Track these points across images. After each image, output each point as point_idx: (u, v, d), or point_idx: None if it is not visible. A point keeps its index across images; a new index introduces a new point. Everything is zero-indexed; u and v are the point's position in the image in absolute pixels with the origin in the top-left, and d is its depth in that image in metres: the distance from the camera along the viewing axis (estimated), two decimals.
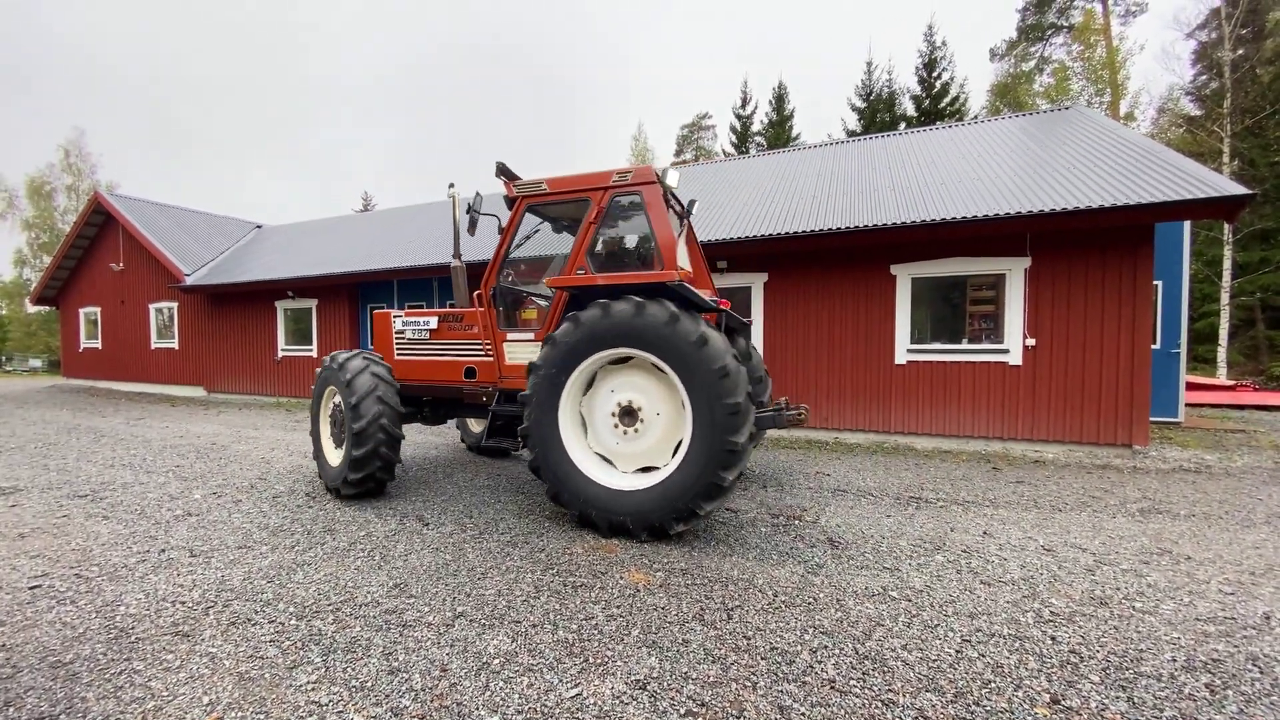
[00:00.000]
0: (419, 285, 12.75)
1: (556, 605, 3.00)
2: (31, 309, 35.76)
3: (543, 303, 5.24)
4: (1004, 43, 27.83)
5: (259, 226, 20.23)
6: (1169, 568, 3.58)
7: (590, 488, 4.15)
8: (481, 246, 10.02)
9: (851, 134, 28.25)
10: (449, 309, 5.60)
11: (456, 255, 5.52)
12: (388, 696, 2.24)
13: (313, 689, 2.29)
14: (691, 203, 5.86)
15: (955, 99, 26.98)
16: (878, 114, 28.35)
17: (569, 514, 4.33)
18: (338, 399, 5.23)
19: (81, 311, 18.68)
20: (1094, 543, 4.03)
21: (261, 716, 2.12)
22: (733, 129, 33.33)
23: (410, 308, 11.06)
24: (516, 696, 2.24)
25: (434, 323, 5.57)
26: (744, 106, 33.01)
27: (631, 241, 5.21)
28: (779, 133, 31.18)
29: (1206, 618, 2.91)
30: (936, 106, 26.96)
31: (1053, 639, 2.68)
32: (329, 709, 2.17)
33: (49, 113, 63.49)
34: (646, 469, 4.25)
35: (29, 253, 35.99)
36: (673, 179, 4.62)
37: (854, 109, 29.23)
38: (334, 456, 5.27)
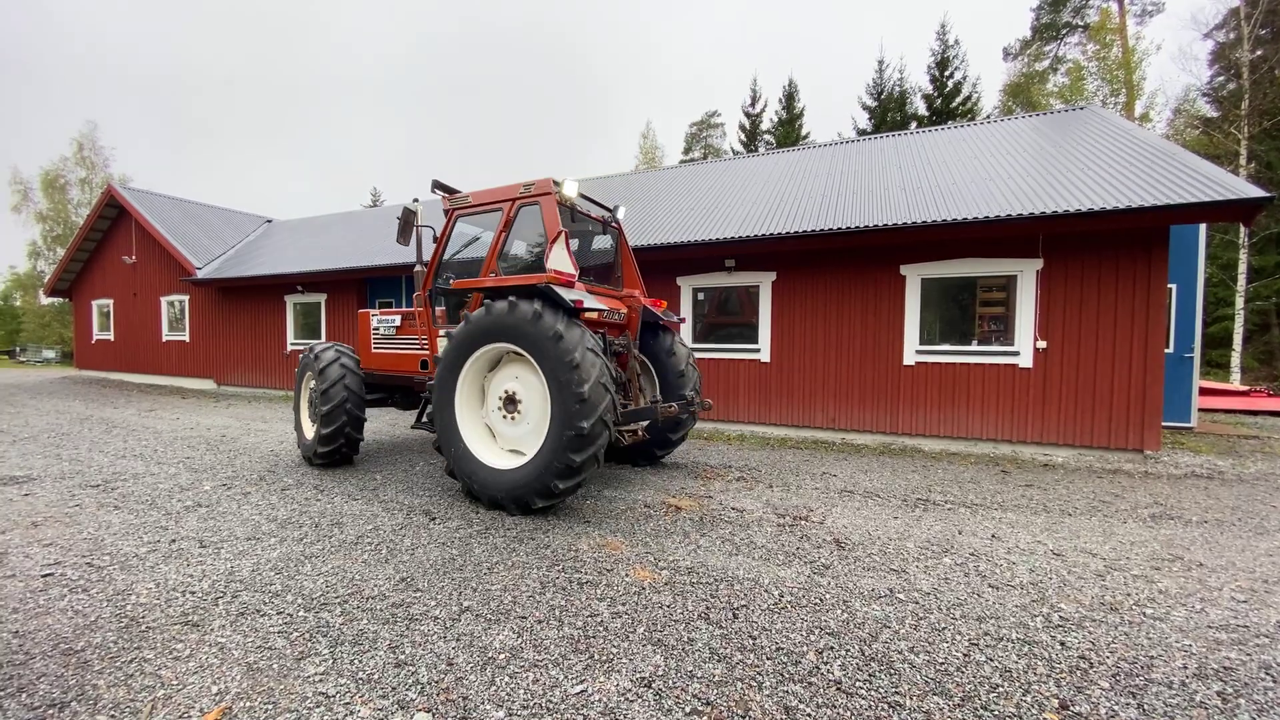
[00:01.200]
0: None
1: (562, 601, 3.01)
2: (45, 301, 36.29)
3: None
4: (1018, 42, 27.59)
5: (269, 221, 20.37)
6: (1180, 574, 3.54)
7: (477, 466, 4.71)
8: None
9: (862, 133, 28.08)
10: (410, 309, 6.20)
11: (419, 261, 6.00)
12: (394, 689, 2.25)
13: (320, 680, 2.31)
14: (615, 208, 6.35)
15: (968, 98, 26.74)
16: (889, 113, 28.15)
17: (460, 488, 4.99)
18: (312, 384, 6.19)
19: (94, 304, 18.89)
20: (1104, 548, 3.99)
21: (270, 707, 2.14)
22: (742, 127, 33.19)
23: (382, 307, 11.11)
24: (522, 692, 2.25)
25: (398, 321, 6.35)
26: (753, 105, 32.87)
27: (539, 247, 5.78)
28: (788, 131, 31.02)
29: (1219, 625, 2.88)
30: (948, 106, 26.73)
31: (1062, 644, 2.65)
32: (336, 700, 2.18)
33: (63, 106, 64.18)
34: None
35: (43, 245, 36.43)
36: (570, 190, 5.25)
37: (865, 108, 29.03)
38: (309, 431, 6.21)
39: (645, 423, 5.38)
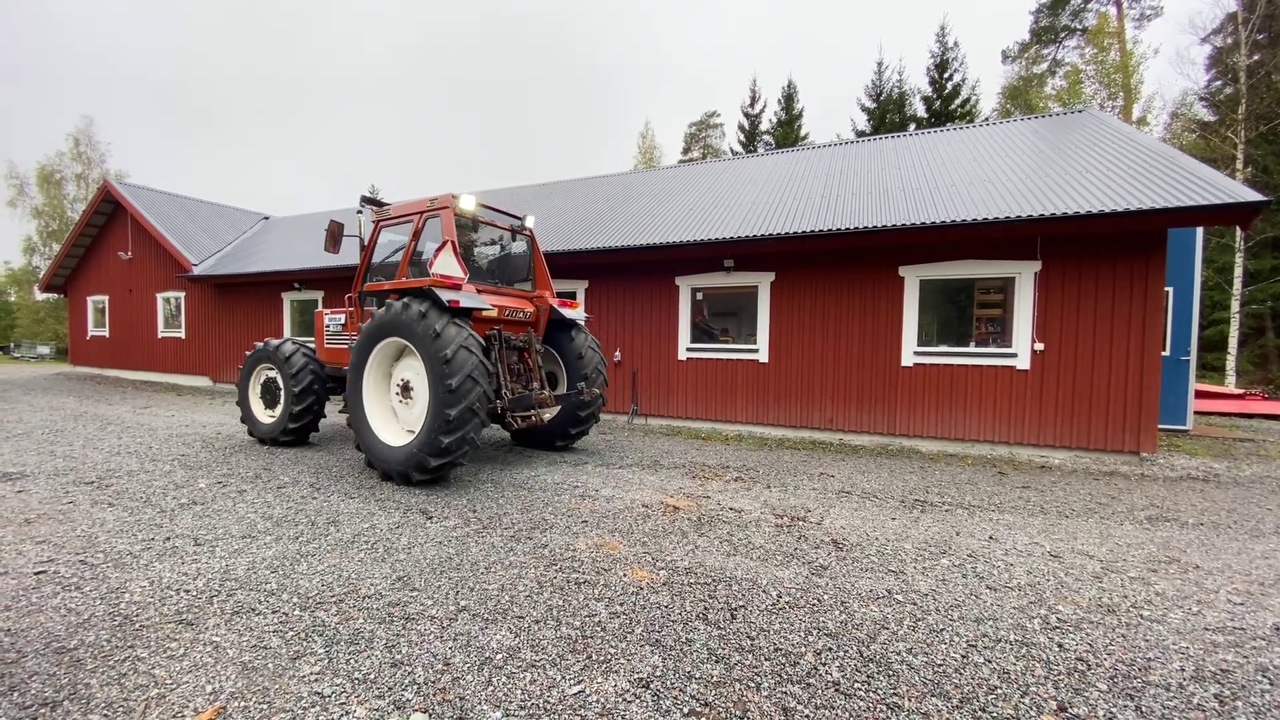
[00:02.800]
0: None
1: (560, 601, 2.99)
2: (40, 296, 36.07)
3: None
4: (1016, 45, 27.67)
5: (266, 218, 20.29)
6: (1177, 576, 3.55)
7: (375, 442, 5.48)
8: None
9: (861, 134, 28.11)
10: (351, 308, 6.98)
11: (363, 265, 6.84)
12: (390, 689, 2.24)
13: (316, 680, 2.29)
14: (524, 218, 7.04)
15: (966, 101, 26.79)
16: (888, 114, 28.19)
17: (370, 466, 5.65)
18: (268, 374, 7.15)
19: (89, 299, 18.78)
20: (1101, 550, 3.99)
21: (265, 707, 2.12)
22: (741, 128, 33.19)
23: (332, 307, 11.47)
24: (519, 692, 2.23)
25: (343, 319, 7.16)
26: (753, 105, 32.87)
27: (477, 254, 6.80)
28: (787, 132, 31.04)
29: (1215, 627, 2.88)
30: (947, 108, 26.78)
31: (1060, 646, 2.65)
32: (332, 700, 2.16)
33: (59, 102, 63.82)
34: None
35: (38, 240, 36.23)
36: (467, 204, 6.06)
37: (864, 109, 29.07)
38: (264, 416, 7.17)
39: (544, 410, 6.41)
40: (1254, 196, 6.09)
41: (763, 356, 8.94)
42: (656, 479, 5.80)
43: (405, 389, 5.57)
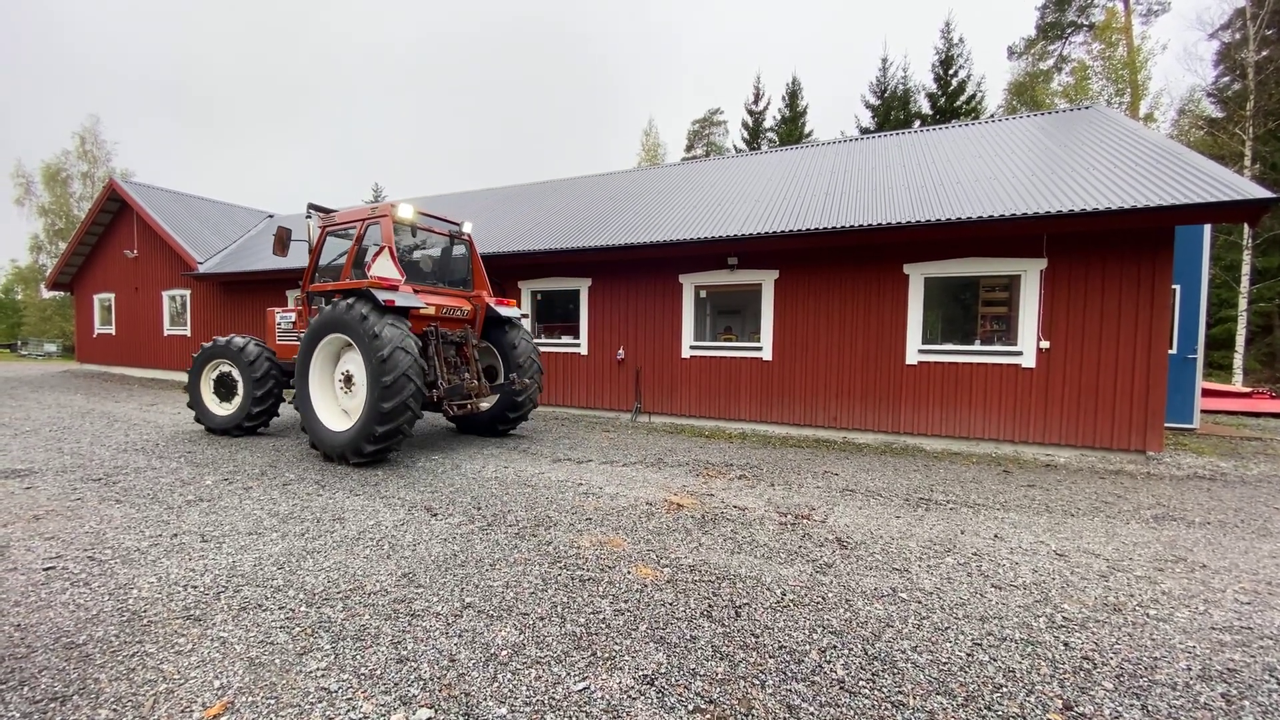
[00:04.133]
0: None
1: (564, 598, 3.00)
2: (47, 294, 36.24)
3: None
4: (1022, 41, 27.49)
5: (271, 216, 20.35)
6: (1184, 575, 3.54)
7: (319, 427, 6.10)
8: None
9: (865, 131, 27.98)
10: (300, 308, 7.58)
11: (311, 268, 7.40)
12: (396, 685, 2.25)
13: (322, 675, 2.30)
14: (462, 224, 7.71)
15: (972, 97, 26.63)
16: (892, 111, 28.05)
17: (314, 448, 6.22)
18: (222, 369, 7.59)
19: (96, 297, 18.87)
20: (1107, 548, 3.98)
21: (272, 702, 2.14)
22: (744, 125, 33.09)
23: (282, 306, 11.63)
24: (524, 688, 2.24)
25: (294, 317, 7.79)
26: (756, 102, 32.76)
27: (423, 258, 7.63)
28: (791, 129, 30.93)
29: (1222, 627, 2.87)
30: (952, 105, 26.63)
31: (1065, 645, 2.65)
32: (339, 696, 2.18)
33: (64, 99, 64.10)
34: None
35: (45, 238, 36.39)
36: (404, 213, 6.65)
37: (868, 106, 28.93)
38: (218, 409, 7.58)
39: (480, 400, 7.15)
40: (1262, 193, 6.04)
41: (766, 355, 8.92)
42: (660, 477, 5.80)
43: (348, 380, 6.15)
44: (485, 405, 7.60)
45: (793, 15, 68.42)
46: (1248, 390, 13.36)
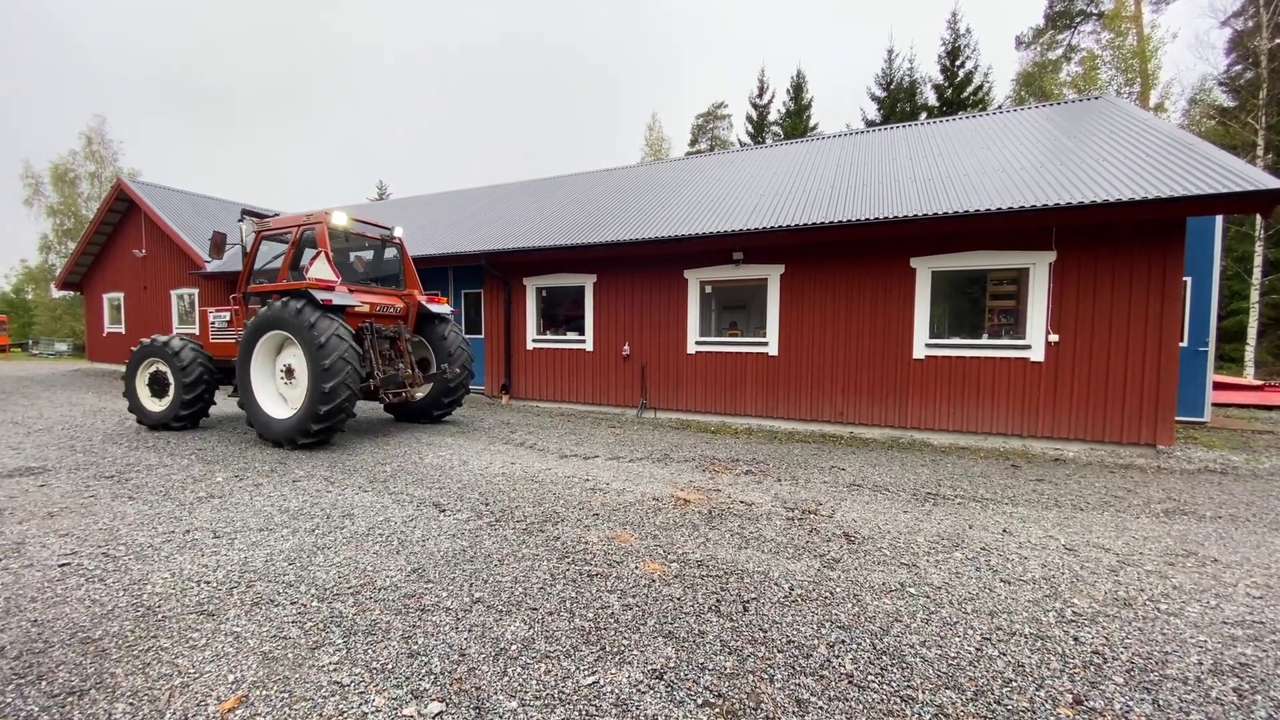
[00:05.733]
0: (435, 274, 12.80)
1: (572, 593, 3.02)
2: (56, 294, 36.57)
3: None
4: (1030, 30, 27.10)
5: (277, 214, 20.41)
6: (1195, 570, 3.51)
7: (262, 415, 6.72)
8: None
9: (871, 124, 27.78)
10: (236, 307, 7.97)
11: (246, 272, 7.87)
12: (408, 679, 2.27)
13: (334, 669, 2.33)
14: (393, 228, 8.25)
15: (979, 88, 26.39)
16: (898, 103, 27.82)
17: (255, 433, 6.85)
18: (155, 367, 7.83)
19: (105, 297, 19.04)
20: (1117, 543, 3.96)
21: (285, 695, 2.16)
22: (749, 119, 32.91)
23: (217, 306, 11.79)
24: (534, 682, 2.26)
25: (228, 316, 8.18)
26: (761, 96, 32.57)
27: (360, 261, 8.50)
28: (796, 123, 30.73)
29: (1234, 621, 2.85)
30: (959, 96, 26.39)
31: (1075, 639, 2.64)
32: (351, 689, 2.20)
33: (73, 98, 64.48)
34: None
35: (54, 238, 36.63)
36: (337, 220, 7.17)
37: (874, 98, 28.72)
38: (153, 405, 7.81)
39: (415, 389, 7.82)
40: (1275, 184, 5.96)
41: (772, 349, 8.90)
42: (667, 472, 5.81)
43: (289, 372, 6.76)
44: (420, 394, 8.31)
45: (797, 7, 67.87)
46: (1259, 383, 13.22)
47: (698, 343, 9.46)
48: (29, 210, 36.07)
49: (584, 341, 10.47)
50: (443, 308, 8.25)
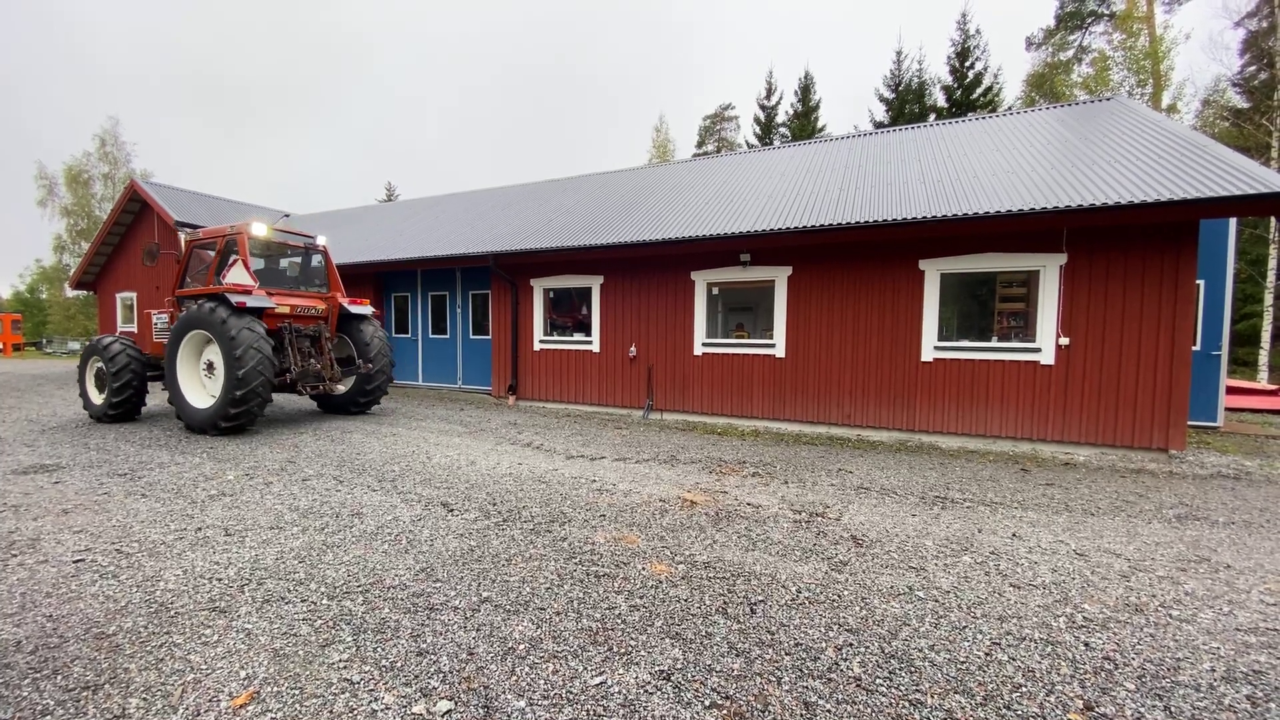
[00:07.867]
0: (443, 275, 12.87)
1: (580, 594, 3.03)
2: (70, 293, 37.02)
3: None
4: (1041, 31, 26.90)
5: (286, 215, 20.58)
6: (1207, 576, 3.48)
7: (185, 405, 7.47)
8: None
9: (879, 125, 27.66)
10: (172, 309, 8.70)
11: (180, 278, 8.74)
12: (417, 677, 2.29)
13: (344, 667, 2.35)
14: (316, 237, 9.07)
15: (989, 90, 26.20)
16: (907, 105, 27.68)
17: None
18: (99, 365, 8.46)
19: (118, 296, 19.25)
20: (1128, 548, 3.92)
21: (296, 692, 2.18)
22: (756, 120, 32.83)
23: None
24: (542, 682, 2.27)
25: (167, 319, 8.79)
26: (768, 97, 32.49)
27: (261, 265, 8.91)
28: (804, 124, 30.65)
29: (1247, 628, 2.82)
30: (969, 97, 26.22)
31: (1086, 645, 2.62)
32: (361, 687, 2.22)
33: (87, 99, 65.28)
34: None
35: (68, 239, 37.08)
36: (258, 231, 8.02)
37: (882, 100, 28.58)
38: (97, 399, 8.44)
39: (334, 383, 8.58)
40: None
41: (779, 352, 8.88)
42: (673, 474, 5.81)
43: (210, 368, 7.53)
44: (342, 388, 8.99)
45: (806, 8, 67.74)
46: (1274, 388, 13.05)
47: (704, 344, 9.45)
48: (43, 211, 36.55)
49: (591, 343, 10.49)
50: (363, 309, 8.96)
